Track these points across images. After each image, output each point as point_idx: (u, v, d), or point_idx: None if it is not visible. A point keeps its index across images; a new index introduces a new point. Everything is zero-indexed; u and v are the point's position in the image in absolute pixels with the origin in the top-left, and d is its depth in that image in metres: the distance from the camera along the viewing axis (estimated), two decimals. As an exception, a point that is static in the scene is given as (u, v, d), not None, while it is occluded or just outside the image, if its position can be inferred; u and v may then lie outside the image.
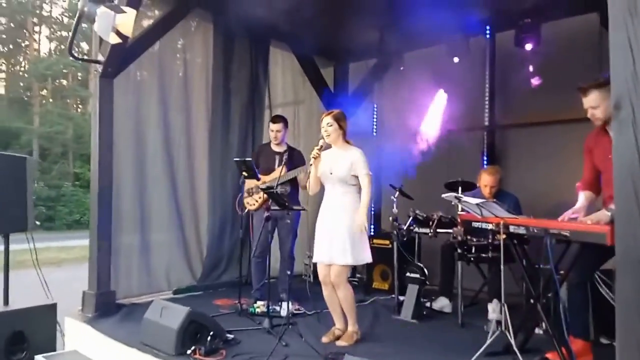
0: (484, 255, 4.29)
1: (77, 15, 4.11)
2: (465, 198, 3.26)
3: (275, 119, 5.05)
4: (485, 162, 5.51)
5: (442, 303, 4.75)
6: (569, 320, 3.26)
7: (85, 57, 22.32)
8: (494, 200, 3.04)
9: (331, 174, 3.75)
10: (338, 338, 3.79)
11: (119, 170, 4.89)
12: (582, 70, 4.99)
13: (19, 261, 4.78)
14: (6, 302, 4.50)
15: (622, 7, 1.80)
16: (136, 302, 4.90)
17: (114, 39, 4.16)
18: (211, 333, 3.54)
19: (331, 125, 3.76)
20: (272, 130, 4.95)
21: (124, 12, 3.89)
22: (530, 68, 5.17)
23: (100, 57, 4.57)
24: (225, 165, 5.72)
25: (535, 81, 5.05)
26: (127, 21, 4.09)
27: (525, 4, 5.17)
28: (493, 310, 4.39)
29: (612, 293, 3.69)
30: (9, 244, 4.56)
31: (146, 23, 5.12)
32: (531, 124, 5.41)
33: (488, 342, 3.27)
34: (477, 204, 3.15)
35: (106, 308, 4.51)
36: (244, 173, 4.62)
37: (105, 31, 4.03)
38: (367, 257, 3.75)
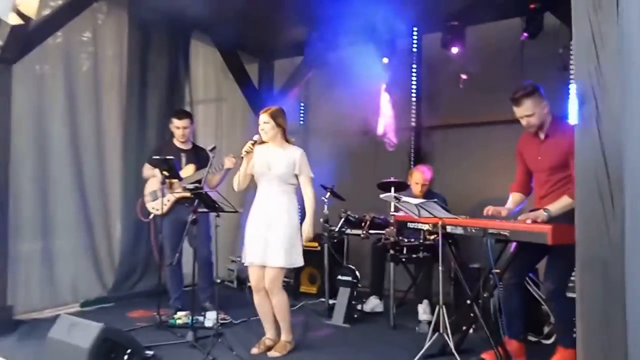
0: (415, 255, 4.25)
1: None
2: (405, 198, 3.16)
3: (181, 114, 4.66)
4: (412, 163, 5.52)
5: (373, 304, 4.66)
6: (504, 321, 3.28)
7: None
8: (435, 200, 2.96)
9: (269, 170, 3.51)
10: (269, 349, 3.56)
11: (16, 170, 4.31)
12: (505, 74, 5.16)
13: None
14: None
15: (586, 2, 1.74)
16: (38, 317, 4.35)
17: (14, 20, 3.67)
18: (128, 351, 3.15)
19: (267, 123, 3.53)
20: (178, 127, 4.57)
21: (26, -12, 3.42)
22: (456, 71, 5.26)
23: (-3, 40, 4.00)
24: (141, 165, 5.26)
25: (461, 84, 5.13)
26: (30, 0, 3.62)
27: (451, 7, 5.24)
28: (424, 311, 4.40)
29: (540, 292, 3.78)
30: None
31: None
32: (456, 125, 5.50)
33: (427, 345, 3.20)
34: (417, 204, 3.06)
35: (2, 326, 3.92)
36: (164, 172, 4.25)
37: (4, 10, 3.54)
38: (301, 260, 3.55)
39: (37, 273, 4.54)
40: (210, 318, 4.15)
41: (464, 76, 5.19)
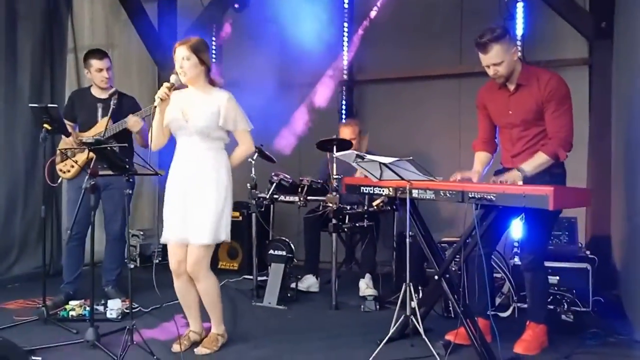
0: (358, 224, 3.75)
1: None
2: (369, 156, 2.59)
3: (99, 53, 3.71)
4: (343, 118, 5.00)
5: (309, 282, 4.11)
6: (472, 297, 2.90)
7: None
8: (411, 158, 2.43)
9: (187, 122, 2.75)
10: (195, 344, 2.88)
11: None
12: (443, 24, 4.79)
13: None
14: None
15: None
16: None
17: None
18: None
19: (188, 59, 2.72)
20: (100, 69, 3.64)
21: None
22: (390, 19, 4.77)
23: None
24: (13, 118, 4.23)
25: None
26: None
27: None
28: (367, 285, 3.95)
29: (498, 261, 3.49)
30: None
31: None
32: (390, 80, 5.07)
33: (392, 330, 2.72)
34: (388, 164, 2.51)
35: None
36: (46, 126, 3.27)
37: None
38: (226, 235, 2.86)
39: None
40: (113, 308, 3.35)
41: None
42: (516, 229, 3.44)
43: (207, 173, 2.77)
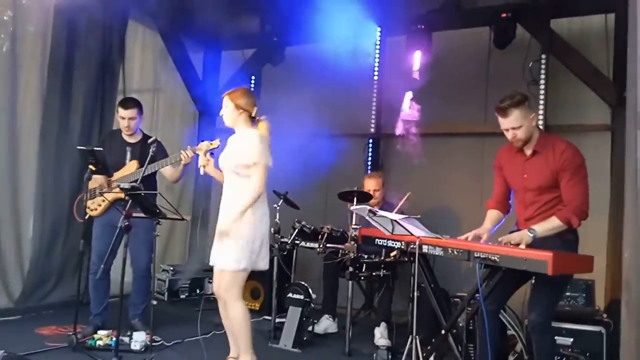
0: (375, 273, 3.87)
1: None
2: (381, 213, 2.76)
3: (127, 103, 3.99)
4: (368, 171, 5.17)
5: (325, 324, 4.24)
6: (478, 351, 2.96)
7: None
8: (418, 216, 2.58)
9: (224, 161, 3.11)
10: None
11: None
12: (470, 85, 4.98)
13: None
14: None
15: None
16: None
17: None
18: (34, 385, 2.54)
19: (226, 107, 3.11)
20: (123, 118, 3.92)
21: None
22: (418, 78, 4.98)
23: None
24: (62, 156, 4.56)
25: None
26: None
27: (417, 10, 4.97)
28: (381, 335, 4.03)
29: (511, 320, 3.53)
30: None
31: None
32: (416, 134, 5.22)
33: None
34: (395, 220, 2.67)
35: None
36: (91, 167, 3.59)
37: None
38: (264, 264, 3.08)
39: None
40: (137, 340, 3.54)
41: (416, 77, 4.91)
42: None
43: (236, 207, 2.98)
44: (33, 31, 4.56)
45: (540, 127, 4.56)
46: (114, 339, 3.39)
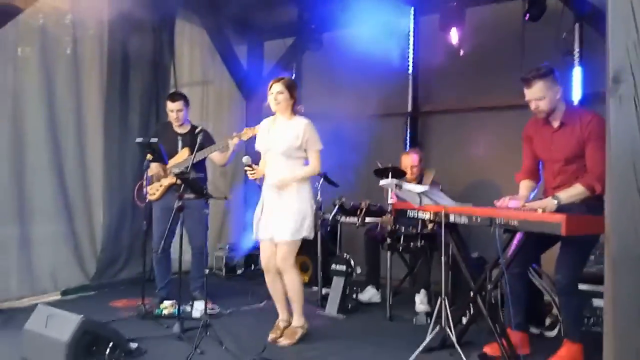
0: (412, 244, 4.09)
1: None
2: (406, 185, 2.99)
3: (174, 96, 4.40)
4: (407, 149, 5.35)
5: (370, 294, 4.52)
6: (507, 312, 3.14)
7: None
8: (440, 187, 2.79)
9: (274, 147, 3.39)
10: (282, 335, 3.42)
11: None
12: (505, 59, 5.02)
13: None
14: None
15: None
16: (16, 306, 4.14)
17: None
18: (110, 344, 2.97)
19: (282, 93, 3.36)
20: (172, 110, 4.31)
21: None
22: (454, 54, 5.08)
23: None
24: (124, 149, 5.03)
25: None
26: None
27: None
28: (421, 301, 4.26)
29: (542, 281, 3.66)
30: None
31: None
32: (452, 111, 5.35)
33: (428, 339, 3.04)
34: (421, 192, 2.89)
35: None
36: (149, 156, 4.01)
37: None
38: (310, 233, 3.41)
39: (14, 260, 4.32)
40: (198, 308, 3.95)
41: (451, 54, 5.02)
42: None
43: (290, 186, 3.33)
44: (91, 34, 5.00)
45: (577, 96, 4.61)
46: (177, 308, 3.83)
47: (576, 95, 4.60)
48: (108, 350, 2.93)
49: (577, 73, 4.48)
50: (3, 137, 4.27)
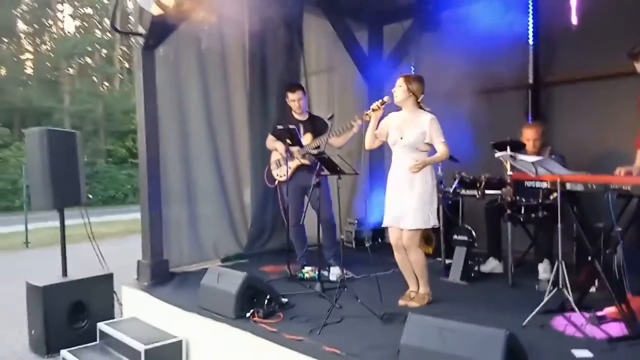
0: (533, 215, 4.25)
1: (119, -12, 4.13)
2: (520, 156, 3.22)
3: (293, 87, 4.96)
4: (529, 121, 5.38)
5: (492, 265, 4.75)
6: (627, 278, 3.24)
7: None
8: (552, 156, 2.98)
9: (401, 138, 3.72)
10: (412, 300, 3.87)
11: (164, 144, 4.94)
12: (629, 25, 4.83)
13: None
14: (65, 273, 4.69)
15: None
16: (188, 270, 5.05)
17: (156, 10, 4.18)
18: (267, 297, 3.64)
19: (400, 87, 3.73)
20: (293, 100, 4.86)
21: (165, -17, 3.89)
22: (575, 21, 5.00)
23: (141, 30, 4.57)
24: (265, 135, 5.71)
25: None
26: (167, -8, 4.10)
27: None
28: (544, 270, 4.40)
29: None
30: (64, 218, 4.72)
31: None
32: (574, 80, 5.25)
33: (546, 299, 3.26)
34: (534, 162, 3.10)
35: (161, 276, 4.65)
36: (287, 141, 4.64)
37: (147, 2, 4.05)
38: (434, 221, 3.74)
39: (185, 234, 5.24)
40: (334, 273, 4.54)
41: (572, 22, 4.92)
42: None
43: (414, 175, 3.68)
44: (235, 38, 5.74)
45: None
46: (317, 272, 4.43)
47: None
48: (266, 301, 3.60)
49: None
50: (173, 131, 5.15)
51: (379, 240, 6.32)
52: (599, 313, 3.23)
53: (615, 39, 4.87)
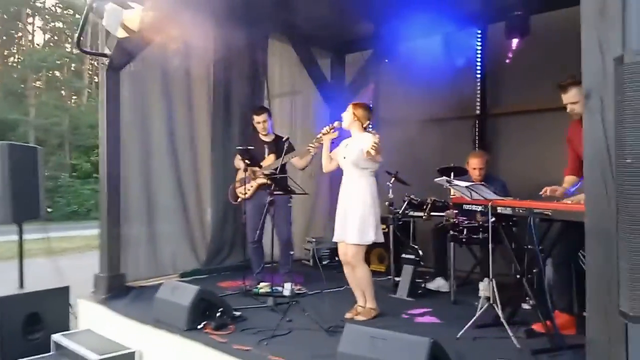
0: (474, 236, 4.54)
1: (86, 10, 4.31)
2: (455, 181, 3.50)
3: (258, 110, 5.18)
4: (476, 149, 5.73)
5: (438, 283, 5.01)
6: (554, 296, 3.55)
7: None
8: (482, 182, 3.27)
9: (344, 158, 4.01)
10: (359, 314, 4.07)
11: (125, 161, 5.08)
12: (568, 63, 5.24)
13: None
14: (21, 285, 4.74)
15: (593, 9, 2.03)
16: (145, 284, 5.14)
17: (122, 34, 4.36)
18: (220, 310, 3.80)
19: (347, 112, 4.07)
20: (259, 122, 5.08)
21: (131, 7, 4.09)
22: (520, 59, 5.41)
23: (107, 51, 4.75)
24: (227, 156, 5.90)
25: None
26: (133, 16, 4.29)
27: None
28: (484, 288, 4.65)
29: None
30: (22, 232, 4.79)
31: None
32: (519, 112, 5.64)
33: (477, 314, 3.53)
34: (467, 187, 3.39)
35: (117, 290, 4.74)
36: (246, 161, 4.84)
37: (113, 26, 4.23)
38: (372, 237, 3.93)
39: (143, 249, 5.34)
40: (287, 288, 4.72)
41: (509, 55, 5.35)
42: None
43: (357, 193, 3.94)
44: (200, 60, 5.91)
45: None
46: (271, 287, 4.60)
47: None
48: (218, 314, 3.75)
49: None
50: (135, 149, 5.28)
51: (336, 258, 6.49)
52: (528, 328, 3.51)
53: (548, 76, 5.30)
